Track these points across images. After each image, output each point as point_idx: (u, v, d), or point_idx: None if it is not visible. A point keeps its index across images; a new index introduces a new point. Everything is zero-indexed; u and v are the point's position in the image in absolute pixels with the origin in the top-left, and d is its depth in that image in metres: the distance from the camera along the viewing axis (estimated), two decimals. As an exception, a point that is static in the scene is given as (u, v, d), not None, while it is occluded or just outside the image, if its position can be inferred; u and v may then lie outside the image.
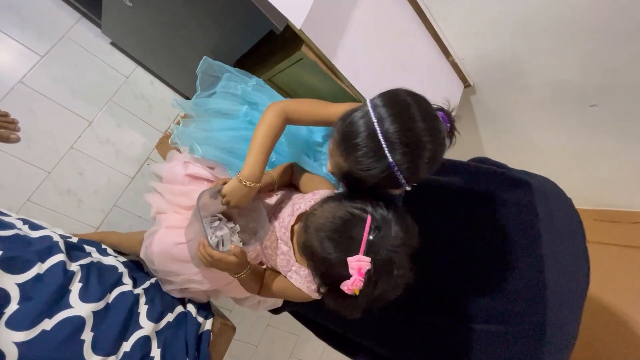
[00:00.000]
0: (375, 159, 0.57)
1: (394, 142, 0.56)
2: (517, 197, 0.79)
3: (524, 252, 0.72)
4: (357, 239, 0.55)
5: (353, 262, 0.54)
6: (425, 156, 0.58)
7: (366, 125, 0.58)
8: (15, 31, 1.28)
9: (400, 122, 0.57)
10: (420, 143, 0.57)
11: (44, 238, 0.82)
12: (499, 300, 0.71)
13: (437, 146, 0.59)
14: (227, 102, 1.01)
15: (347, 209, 0.59)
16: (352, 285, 0.53)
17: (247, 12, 0.81)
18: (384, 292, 0.57)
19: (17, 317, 0.67)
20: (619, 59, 1.11)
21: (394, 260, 0.56)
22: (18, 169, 1.24)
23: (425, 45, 1.29)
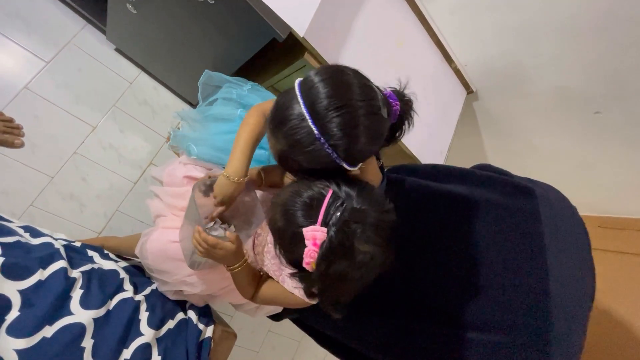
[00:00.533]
0: (303, 134, 0.52)
1: (320, 111, 0.51)
2: (520, 205, 0.78)
3: (527, 261, 0.71)
4: (316, 210, 0.52)
5: (308, 232, 0.51)
6: (361, 129, 0.52)
7: (291, 101, 0.54)
8: (21, 38, 1.29)
9: (330, 87, 0.52)
10: (351, 111, 0.52)
11: (45, 245, 0.83)
12: (501, 310, 0.70)
13: (371, 117, 0.53)
14: (225, 107, 1.03)
15: (309, 184, 0.55)
16: (306, 256, 0.50)
17: (250, 20, 0.81)
18: (345, 270, 0.52)
19: (18, 324, 0.67)
20: (623, 66, 1.10)
21: (355, 233, 0.51)
22: (22, 174, 1.25)
23: (428, 52, 1.29)
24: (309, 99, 0.52)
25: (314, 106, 0.52)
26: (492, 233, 0.77)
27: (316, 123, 0.51)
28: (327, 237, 0.50)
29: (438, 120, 1.35)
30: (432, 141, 1.33)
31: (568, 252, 0.73)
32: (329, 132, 0.51)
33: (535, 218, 0.73)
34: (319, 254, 0.50)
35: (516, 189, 0.80)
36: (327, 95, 0.52)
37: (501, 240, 0.75)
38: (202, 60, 1.17)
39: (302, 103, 0.52)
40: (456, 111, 1.43)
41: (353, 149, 0.54)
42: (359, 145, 0.54)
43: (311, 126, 0.51)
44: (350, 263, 0.52)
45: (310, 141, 0.52)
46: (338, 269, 0.52)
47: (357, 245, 0.51)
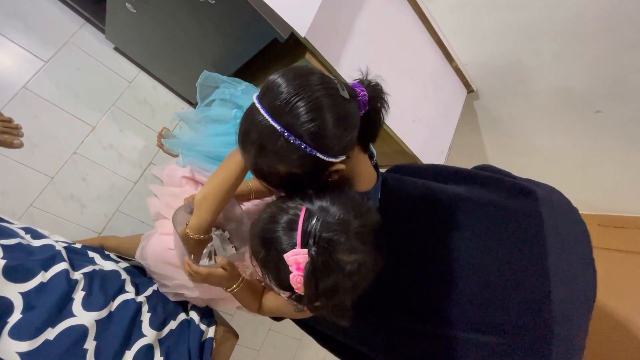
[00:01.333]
0: (267, 132, 0.50)
1: (277, 105, 0.50)
2: (522, 206, 0.79)
3: (529, 262, 0.71)
4: (292, 233, 0.50)
5: (289, 258, 0.49)
6: (323, 111, 0.50)
7: (252, 107, 0.53)
8: (20, 37, 1.28)
9: (284, 81, 0.51)
10: (309, 95, 0.49)
11: (46, 247, 0.82)
12: (503, 312, 0.70)
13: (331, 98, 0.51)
14: (221, 108, 1.04)
15: (282, 206, 0.54)
16: (293, 282, 0.49)
17: (251, 21, 0.81)
18: (336, 284, 0.50)
19: (20, 326, 0.67)
20: (624, 66, 1.10)
21: (337, 247, 0.49)
22: (21, 174, 1.24)
23: (428, 51, 1.29)
24: (266, 99, 0.52)
25: (271, 103, 0.51)
26: (493, 234, 0.77)
27: (275, 118, 0.50)
28: (309, 258, 0.48)
29: (439, 119, 1.35)
30: (433, 141, 1.33)
31: (569, 253, 0.73)
32: (290, 123, 0.50)
33: (536, 219, 0.73)
34: (304, 276, 0.49)
35: (517, 190, 0.79)
36: (282, 90, 0.50)
37: (502, 242, 0.76)
38: (202, 59, 1.16)
39: (259, 104, 0.52)
40: (457, 110, 1.43)
41: (321, 134, 0.51)
42: (326, 129, 0.51)
43: (272, 123, 0.50)
44: (339, 276, 0.51)
45: (275, 139, 0.50)
46: (328, 285, 0.50)
47: (342, 257, 0.50)
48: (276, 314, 0.80)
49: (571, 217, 0.78)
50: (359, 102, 0.57)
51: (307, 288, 0.50)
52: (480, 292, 0.74)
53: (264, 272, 0.56)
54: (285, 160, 0.52)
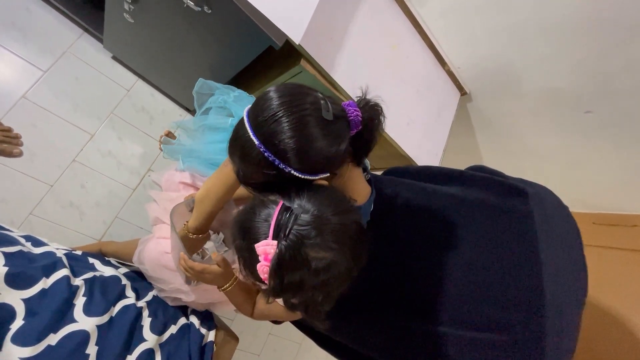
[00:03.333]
0: (247, 145, 0.53)
1: (258, 122, 0.52)
2: (514, 205, 0.80)
3: (521, 261, 0.73)
4: (264, 224, 0.51)
5: (259, 248, 0.49)
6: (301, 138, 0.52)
7: (240, 123, 0.56)
8: (18, 47, 1.30)
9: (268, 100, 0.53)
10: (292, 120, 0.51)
11: (47, 254, 0.83)
12: (497, 309, 0.72)
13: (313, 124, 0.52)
14: (217, 116, 1.06)
15: (263, 199, 0.54)
16: (260, 272, 0.50)
17: (247, 29, 0.83)
18: (301, 279, 0.50)
19: (22, 332, 0.67)
20: (611, 66, 1.13)
21: (305, 242, 0.49)
22: (21, 182, 1.26)
23: (421, 55, 1.31)
24: (252, 113, 0.54)
25: (255, 118, 0.53)
26: (486, 233, 0.79)
27: (256, 132, 0.52)
28: (277, 250, 0.49)
29: (433, 121, 1.37)
30: (427, 143, 1.35)
31: (561, 250, 0.75)
32: (268, 139, 0.52)
33: (528, 218, 0.75)
34: (270, 267, 0.49)
35: (510, 190, 0.81)
36: (266, 106, 0.53)
37: (495, 241, 0.77)
38: (199, 67, 1.18)
39: (246, 117, 0.54)
40: (450, 113, 1.45)
41: (296, 153, 0.52)
42: (302, 149, 0.52)
43: (252, 138, 0.52)
44: (305, 272, 0.50)
45: (254, 152, 0.53)
46: (293, 279, 0.50)
47: (311, 253, 0.50)
48: (268, 317, 0.80)
49: (562, 215, 0.80)
50: (350, 122, 0.58)
51: (272, 280, 0.50)
52: (473, 290, 0.75)
53: (239, 260, 0.57)
54: (263, 172, 0.54)
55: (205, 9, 0.83)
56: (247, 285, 0.79)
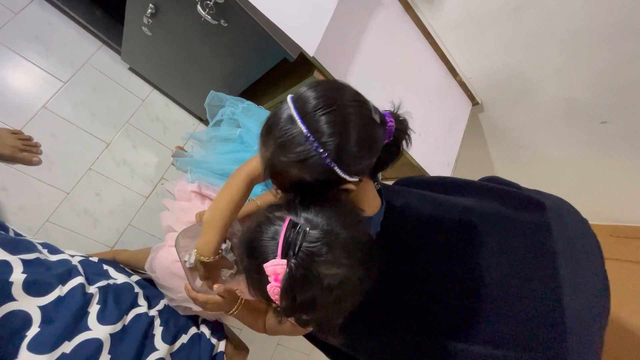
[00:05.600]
0: (294, 133, 0.49)
1: (309, 110, 0.49)
2: (530, 217, 0.79)
3: (539, 275, 0.71)
4: (272, 243, 0.49)
5: (268, 268, 0.47)
6: (351, 128, 0.50)
7: (282, 107, 0.52)
8: (40, 59, 1.35)
9: (320, 91, 0.51)
10: (341, 109, 0.50)
11: (63, 262, 0.85)
12: (515, 324, 0.70)
13: (362, 117, 0.52)
14: (228, 127, 1.09)
15: (269, 215, 0.52)
16: (270, 293, 0.47)
17: (262, 42, 0.84)
18: (314, 297, 0.48)
19: (38, 340, 0.68)
20: (628, 77, 1.11)
21: (317, 259, 0.47)
22: (38, 190, 1.28)
23: (433, 66, 1.32)
24: (299, 102, 0.50)
25: (303, 107, 0.50)
26: (502, 246, 0.77)
27: (305, 122, 0.49)
28: (287, 269, 0.47)
29: (445, 132, 1.36)
30: (439, 153, 1.35)
31: (580, 265, 0.73)
32: (318, 130, 0.49)
33: (546, 231, 0.73)
34: (281, 287, 0.47)
35: (526, 202, 0.80)
36: (316, 97, 0.50)
37: (512, 254, 0.75)
38: (213, 78, 1.20)
39: (292, 106, 0.50)
40: (462, 123, 1.45)
41: (344, 150, 0.50)
42: (349, 146, 0.50)
43: (300, 126, 0.49)
44: (318, 290, 0.48)
45: (299, 141, 0.49)
46: (306, 298, 0.48)
47: (322, 270, 0.48)
48: (281, 333, 0.79)
49: (581, 229, 0.78)
50: (386, 131, 0.58)
51: (284, 300, 0.48)
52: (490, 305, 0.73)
53: (247, 281, 0.55)
54: (301, 165, 0.51)
55: (222, 23, 0.85)
56: (255, 304, 0.78)
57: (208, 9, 0.81)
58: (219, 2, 0.80)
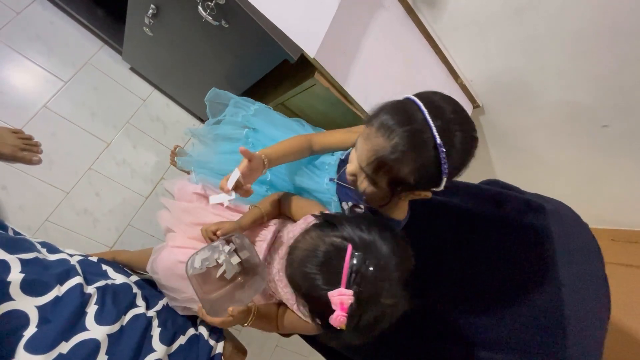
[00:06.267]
0: (421, 138, 0.53)
1: (443, 124, 0.54)
2: (531, 221, 0.79)
3: (540, 279, 0.71)
4: (338, 271, 0.51)
5: (334, 297, 0.49)
6: (473, 150, 0.58)
7: (412, 107, 0.56)
8: (42, 59, 1.35)
9: (452, 106, 0.57)
10: (469, 131, 0.57)
11: (61, 261, 0.84)
12: (516, 329, 0.70)
13: (476, 141, 0.59)
14: (232, 126, 1.07)
15: (326, 239, 0.54)
16: (335, 321, 0.50)
17: (263, 43, 0.84)
18: (372, 323, 0.52)
19: (35, 340, 0.68)
20: (629, 80, 1.11)
21: (381, 289, 0.51)
22: (38, 189, 1.28)
23: (433, 68, 1.32)
24: (432, 110, 0.54)
25: (438, 116, 0.54)
26: (503, 251, 0.77)
27: (439, 133, 0.53)
28: (354, 300, 0.49)
29: (445, 134, 1.36)
30: (440, 155, 1.34)
31: (581, 269, 0.72)
32: (450, 144, 0.54)
33: (546, 235, 0.73)
34: (348, 316, 0.50)
35: (526, 206, 0.80)
36: (453, 111, 0.55)
37: (512, 258, 0.75)
38: (214, 79, 1.20)
39: (426, 112, 0.54)
40: (463, 125, 1.44)
41: (458, 168, 0.57)
42: (463, 166, 0.58)
43: (435, 134, 0.53)
44: (379, 317, 0.52)
45: (428, 148, 0.53)
46: (367, 324, 0.52)
47: (385, 301, 0.51)
48: (291, 330, 0.80)
49: (581, 233, 0.78)
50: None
51: (349, 326, 0.50)
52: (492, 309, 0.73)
53: (300, 302, 0.58)
54: (418, 168, 0.55)
55: (223, 24, 0.85)
56: (267, 310, 0.79)
57: (209, 10, 0.81)
58: (220, 3, 0.80)
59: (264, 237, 0.87)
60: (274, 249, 0.84)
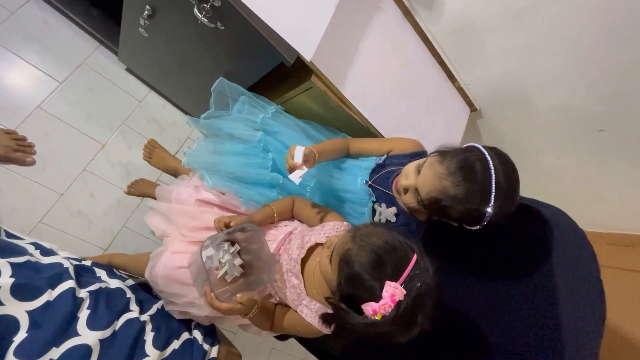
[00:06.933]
0: (480, 199, 0.66)
1: (499, 194, 0.65)
2: (527, 227, 0.78)
3: (536, 285, 0.71)
4: (399, 269, 0.57)
5: (390, 287, 0.54)
6: (510, 213, 0.67)
7: (483, 168, 0.66)
8: (36, 59, 1.34)
9: (509, 179, 0.66)
10: (514, 202, 0.68)
11: (53, 265, 0.83)
12: (514, 335, 0.69)
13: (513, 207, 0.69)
14: (243, 126, 1.02)
15: (400, 239, 0.61)
16: (380, 307, 0.54)
17: (259, 46, 0.84)
18: (396, 330, 0.56)
19: (25, 345, 0.67)
20: (626, 86, 1.11)
21: (422, 305, 0.56)
22: (32, 191, 1.27)
23: (431, 71, 1.31)
24: (497, 177, 0.66)
25: (499, 186, 0.65)
26: (498, 256, 0.77)
27: (495, 200, 0.65)
28: (404, 300, 0.54)
29: (442, 138, 1.36)
30: (437, 159, 1.34)
31: (576, 275, 0.72)
32: (496, 210, 0.66)
33: (543, 241, 0.73)
34: (393, 309, 0.54)
35: (523, 212, 0.79)
36: (507, 182, 0.66)
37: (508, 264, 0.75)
38: (210, 80, 1.18)
39: (494, 181, 0.66)
40: (460, 129, 1.44)
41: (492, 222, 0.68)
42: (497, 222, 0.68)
43: (491, 200, 0.66)
44: (405, 326, 0.56)
45: (481, 207, 0.66)
46: (392, 329, 0.55)
47: (420, 316, 0.56)
48: (288, 331, 0.80)
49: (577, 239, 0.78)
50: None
51: (385, 318, 0.54)
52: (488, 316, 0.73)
53: (343, 271, 0.60)
54: (463, 215, 0.69)
55: (219, 26, 0.84)
56: (266, 305, 0.80)
57: (204, 12, 0.80)
58: (215, 5, 0.79)
59: (273, 237, 0.87)
60: (284, 250, 0.84)
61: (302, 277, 0.76)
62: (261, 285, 0.77)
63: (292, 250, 0.80)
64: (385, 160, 0.94)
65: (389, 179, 0.88)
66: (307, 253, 0.76)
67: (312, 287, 0.75)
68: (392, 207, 0.86)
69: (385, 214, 0.87)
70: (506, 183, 0.66)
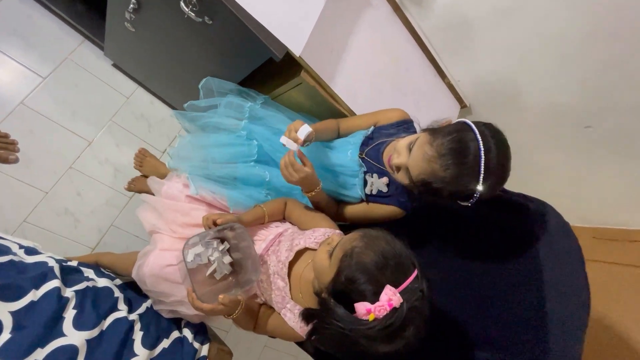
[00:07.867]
0: (469, 181, 0.65)
1: (489, 174, 0.64)
2: (515, 221, 0.79)
3: (523, 278, 0.72)
4: (400, 278, 0.57)
5: (390, 292, 0.54)
6: (498, 191, 0.67)
7: (473, 149, 0.65)
8: (19, 54, 1.30)
9: (499, 158, 0.65)
10: (503, 181, 0.67)
11: (38, 264, 0.81)
12: (501, 327, 0.70)
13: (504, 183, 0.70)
14: (228, 117, 1.01)
15: (406, 252, 0.61)
16: (375, 309, 0.53)
17: (247, 41, 0.83)
18: (381, 337, 0.55)
19: (9, 347, 0.65)
20: (611, 82, 1.13)
21: (413, 320, 0.56)
22: (16, 189, 1.24)
23: (421, 67, 1.32)
24: (487, 158, 0.64)
25: (488, 167, 0.64)
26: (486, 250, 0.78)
27: (484, 180, 0.64)
28: (400, 309, 0.54)
29: (433, 134, 1.37)
30: (427, 155, 1.34)
31: (563, 268, 0.74)
32: (485, 189, 0.65)
33: (530, 234, 0.74)
34: (386, 314, 0.53)
35: (511, 206, 0.81)
36: (497, 161, 0.65)
37: (496, 257, 0.76)
38: (198, 76, 1.17)
39: (483, 159, 0.64)
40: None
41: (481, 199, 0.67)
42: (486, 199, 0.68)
43: (480, 180, 0.64)
44: (391, 338, 0.55)
45: (469, 186, 0.65)
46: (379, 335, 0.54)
47: (412, 329, 0.56)
48: (269, 333, 0.80)
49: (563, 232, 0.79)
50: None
51: (375, 321, 0.53)
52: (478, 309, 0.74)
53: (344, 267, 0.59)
54: (453, 194, 0.69)
55: (206, 20, 0.83)
56: (251, 305, 0.79)
57: (191, 6, 0.79)
58: (202, -1, 0.78)
59: (263, 237, 0.86)
60: (272, 251, 0.83)
61: (289, 281, 0.75)
62: (249, 284, 0.77)
63: (280, 252, 0.79)
64: (374, 133, 0.95)
65: (379, 150, 0.89)
66: (295, 256, 0.76)
67: (297, 291, 0.75)
68: (383, 177, 0.88)
69: (377, 184, 0.88)
70: (496, 163, 0.65)
